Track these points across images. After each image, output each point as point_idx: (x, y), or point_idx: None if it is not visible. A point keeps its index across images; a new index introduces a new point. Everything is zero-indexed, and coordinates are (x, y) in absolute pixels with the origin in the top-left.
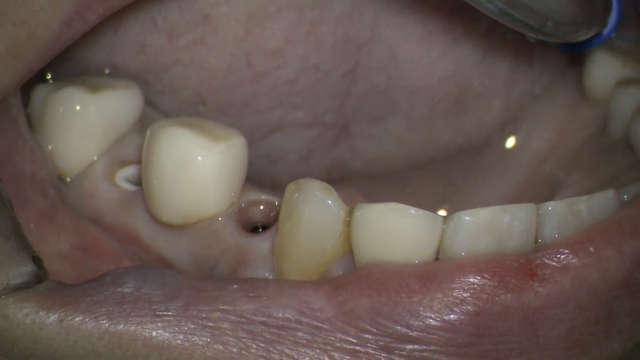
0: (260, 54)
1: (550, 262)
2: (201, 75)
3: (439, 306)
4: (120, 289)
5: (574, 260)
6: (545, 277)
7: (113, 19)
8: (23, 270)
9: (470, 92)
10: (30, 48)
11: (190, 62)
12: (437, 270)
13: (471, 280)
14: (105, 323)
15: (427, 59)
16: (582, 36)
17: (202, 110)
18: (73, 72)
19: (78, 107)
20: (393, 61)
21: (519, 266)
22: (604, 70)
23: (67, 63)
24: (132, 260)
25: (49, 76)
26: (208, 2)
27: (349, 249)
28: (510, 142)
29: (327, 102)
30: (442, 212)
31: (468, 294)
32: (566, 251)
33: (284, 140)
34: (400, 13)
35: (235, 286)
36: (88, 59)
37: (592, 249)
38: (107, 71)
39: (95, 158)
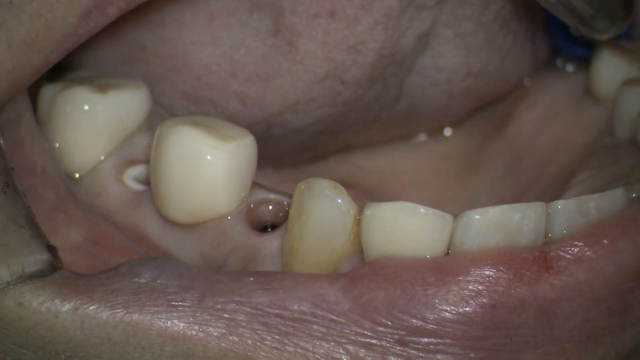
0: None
1: (565, 255)
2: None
3: (455, 299)
4: (136, 279)
5: (588, 253)
6: (560, 269)
7: None
8: (38, 258)
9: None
10: (46, 41)
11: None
12: (452, 263)
13: (487, 272)
14: (120, 312)
15: None
16: (615, 32)
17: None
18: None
19: (86, 107)
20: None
21: (534, 259)
22: (609, 69)
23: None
24: (141, 256)
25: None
26: None
27: (358, 248)
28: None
29: None
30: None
31: (483, 287)
32: (580, 243)
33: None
34: None
35: (251, 278)
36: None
37: (606, 241)
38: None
39: (103, 157)
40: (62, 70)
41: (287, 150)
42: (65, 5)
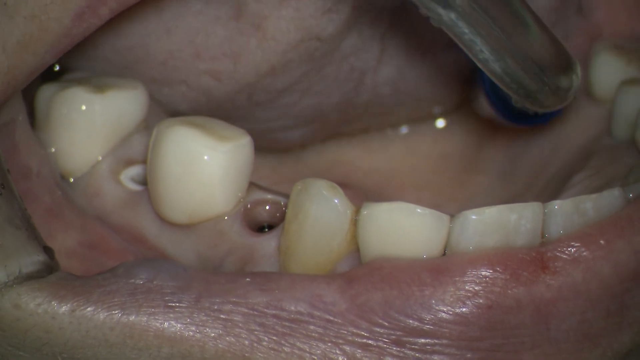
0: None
1: (561, 255)
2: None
3: (451, 299)
4: (132, 280)
5: (585, 253)
6: (557, 269)
7: None
8: (35, 260)
9: None
10: (40, 42)
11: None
12: (448, 263)
13: (483, 273)
14: (117, 313)
15: None
16: (562, 104)
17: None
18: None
19: (84, 107)
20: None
21: (531, 259)
22: (608, 70)
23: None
24: (138, 258)
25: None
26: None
27: (355, 248)
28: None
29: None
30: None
31: (480, 287)
32: (577, 244)
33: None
34: None
35: (247, 279)
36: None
37: (603, 242)
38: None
39: (101, 158)
40: None
41: (278, 124)
42: (59, 6)
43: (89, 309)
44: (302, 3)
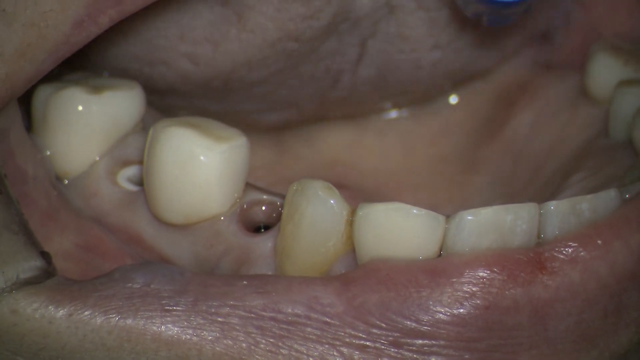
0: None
1: (558, 255)
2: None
3: (449, 300)
4: (129, 285)
5: (582, 253)
6: (555, 270)
7: None
8: (32, 265)
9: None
10: (39, 49)
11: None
12: (445, 264)
13: (480, 274)
14: (114, 317)
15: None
16: None
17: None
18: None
19: (80, 108)
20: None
21: (528, 259)
22: (605, 70)
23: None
24: (134, 259)
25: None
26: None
27: (351, 249)
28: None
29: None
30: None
31: (477, 288)
32: (574, 244)
33: None
34: None
35: (244, 282)
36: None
37: (600, 242)
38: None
39: (98, 158)
40: None
41: (254, 107)
42: (58, 14)
43: (86, 313)
44: (283, 5)
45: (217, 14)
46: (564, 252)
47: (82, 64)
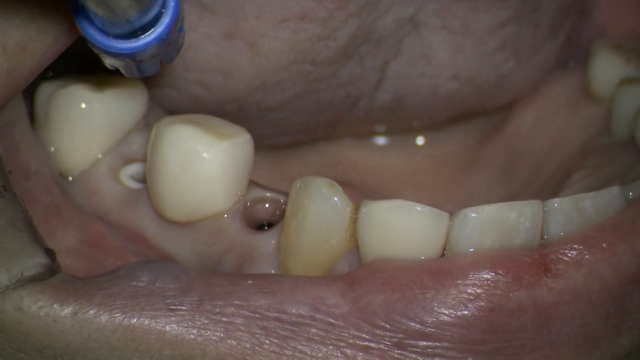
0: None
1: (563, 257)
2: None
3: (453, 302)
4: (134, 283)
5: (587, 256)
6: (559, 272)
7: None
8: (37, 262)
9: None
10: (40, 43)
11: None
12: (450, 266)
13: (485, 276)
14: (119, 316)
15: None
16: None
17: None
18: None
19: (83, 105)
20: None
21: (533, 261)
22: (607, 68)
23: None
24: (137, 256)
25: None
26: None
27: (354, 246)
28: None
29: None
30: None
31: (482, 290)
32: (579, 247)
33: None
34: None
35: (249, 282)
36: None
37: (605, 245)
38: None
39: (100, 156)
40: None
41: (267, 132)
42: (57, 8)
43: (90, 311)
44: (300, 26)
45: (223, 47)
46: (568, 254)
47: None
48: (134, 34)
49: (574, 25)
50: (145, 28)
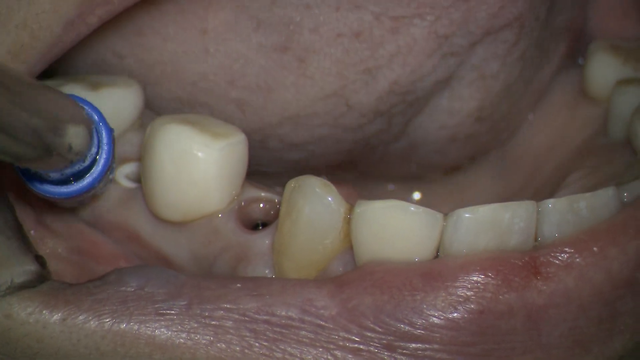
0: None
1: (554, 261)
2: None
3: (443, 304)
4: (123, 288)
5: (578, 260)
6: (549, 275)
7: None
8: (26, 269)
9: None
10: (32, 50)
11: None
12: (440, 268)
13: (475, 278)
14: (108, 322)
15: None
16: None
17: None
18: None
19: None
20: None
21: (523, 264)
22: (604, 69)
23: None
24: (129, 261)
25: None
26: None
27: (348, 246)
28: (511, 141)
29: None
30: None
31: (472, 293)
32: (570, 250)
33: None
34: None
35: (238, 285)
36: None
37: (596, 249)
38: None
39: None
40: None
41: (271, 169)
42: (50, 15)
43: (80, 317)
44: (353, 45)
45: (274, 60)
46: (559, 257)
47: None
48: (67, 180)
49: (574, 37)
50: (77, 176)
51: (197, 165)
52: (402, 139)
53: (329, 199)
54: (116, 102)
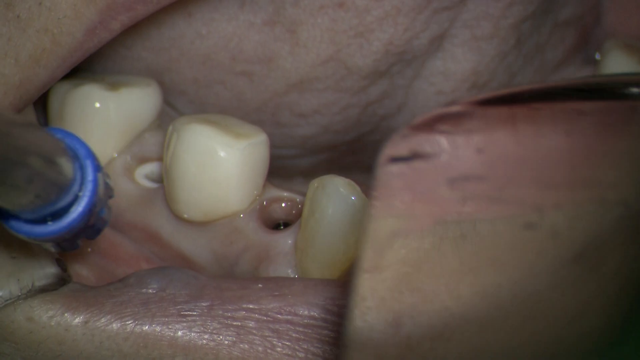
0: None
1: None
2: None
3: None
4: (144, 290)
5: None
6: None
7: None
8: (47, 272)
9: None
10: (53, 56)
11: None
12: None
13: None
14: (130, 324)
15: None
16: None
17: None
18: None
19: (98, 105)
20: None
21: None
22: (619, 68)
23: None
24: (149, 262)
25: None
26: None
27: None
28: None
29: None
30: None
31: None
32: None
33: None
34: None
35: (260, 285)
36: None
37: None
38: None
39: (115, 155)
40: None
41: (291, 152)
42: (72, 20)
43: (102, 320)
44: (338, 15)
45: (266, 34)
46: None
47: None
48: (43, 220)
49: (582, 32)
50: (56, 215)
51: (220, 165)
52: (404, 110)
53: (353, 198)
54: (136, 102)
